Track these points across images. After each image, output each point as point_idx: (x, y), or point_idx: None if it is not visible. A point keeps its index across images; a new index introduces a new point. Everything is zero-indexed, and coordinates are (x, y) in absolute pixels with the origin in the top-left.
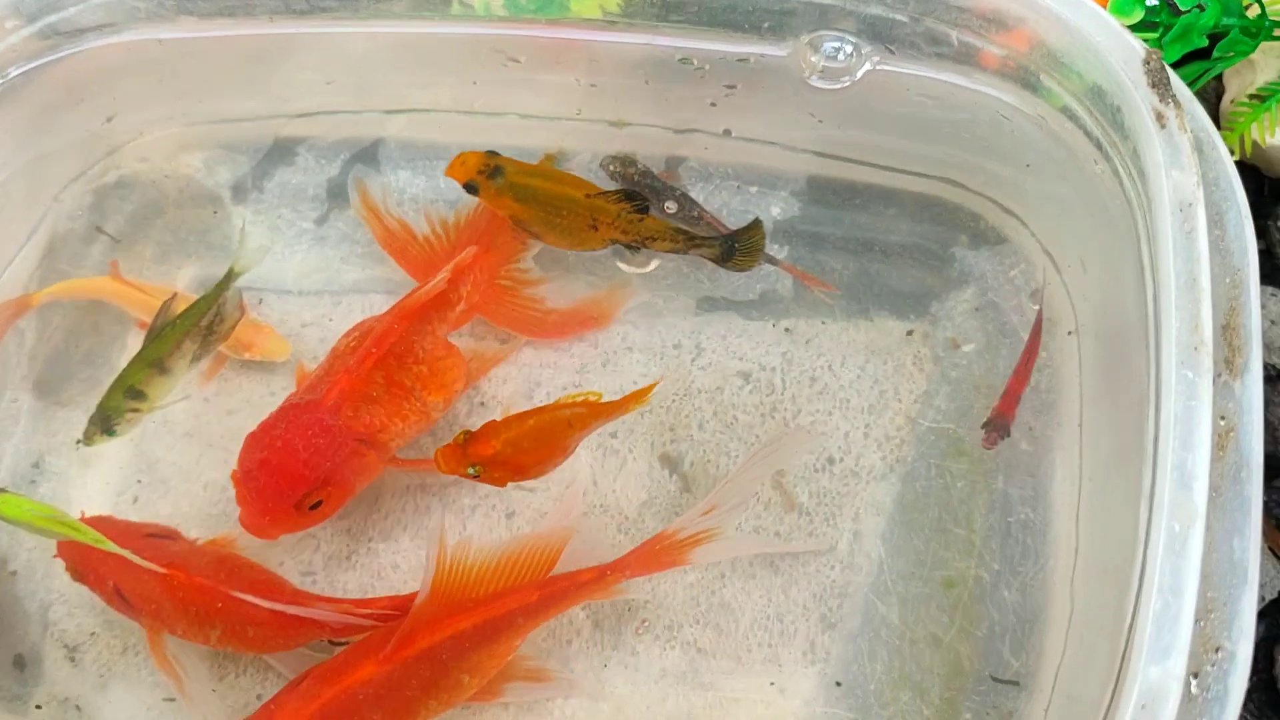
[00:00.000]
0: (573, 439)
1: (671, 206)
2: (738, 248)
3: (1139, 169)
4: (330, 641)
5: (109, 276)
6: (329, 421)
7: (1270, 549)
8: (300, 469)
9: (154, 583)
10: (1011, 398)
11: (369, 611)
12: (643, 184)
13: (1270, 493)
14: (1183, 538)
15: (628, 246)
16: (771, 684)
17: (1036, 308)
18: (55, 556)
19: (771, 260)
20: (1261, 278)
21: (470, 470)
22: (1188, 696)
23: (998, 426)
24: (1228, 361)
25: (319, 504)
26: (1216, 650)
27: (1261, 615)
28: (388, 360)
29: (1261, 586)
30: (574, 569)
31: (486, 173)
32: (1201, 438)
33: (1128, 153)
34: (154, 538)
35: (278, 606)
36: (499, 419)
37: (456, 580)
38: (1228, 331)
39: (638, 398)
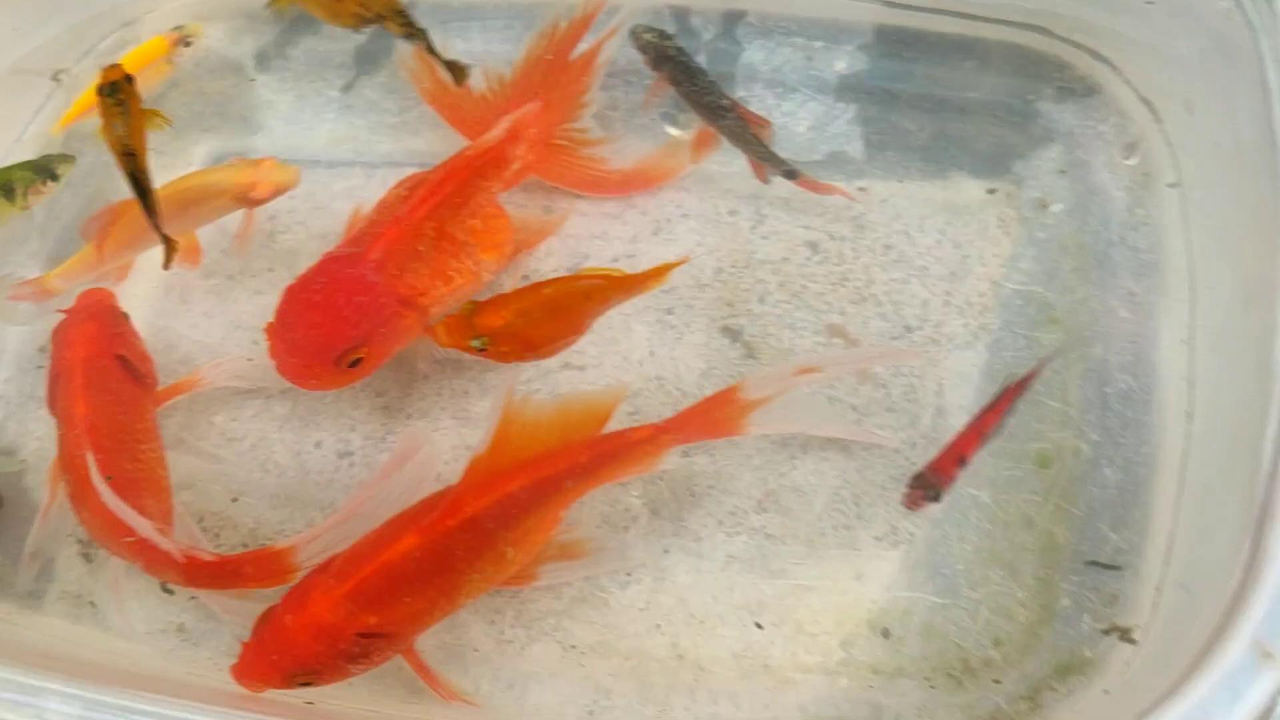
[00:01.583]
0: (589, 314)
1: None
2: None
3: None
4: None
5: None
6: (372, 278)
7: None
8: (341, 326)
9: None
10: (954, 455)
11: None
12: (677, 59)
13: None
14: None
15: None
16: (849, 569)
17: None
18: None
19: (790, 174)
20: None
21: (475, 343)
22: None
23: (928, 486)
24: None
25: (357, 361)
26: None
27: None
28: (440, 211)
29: None
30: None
31: None
32: None
33: None
34: (123, 361)
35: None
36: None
37: (516, 440)
38: None
39: (658, 274)
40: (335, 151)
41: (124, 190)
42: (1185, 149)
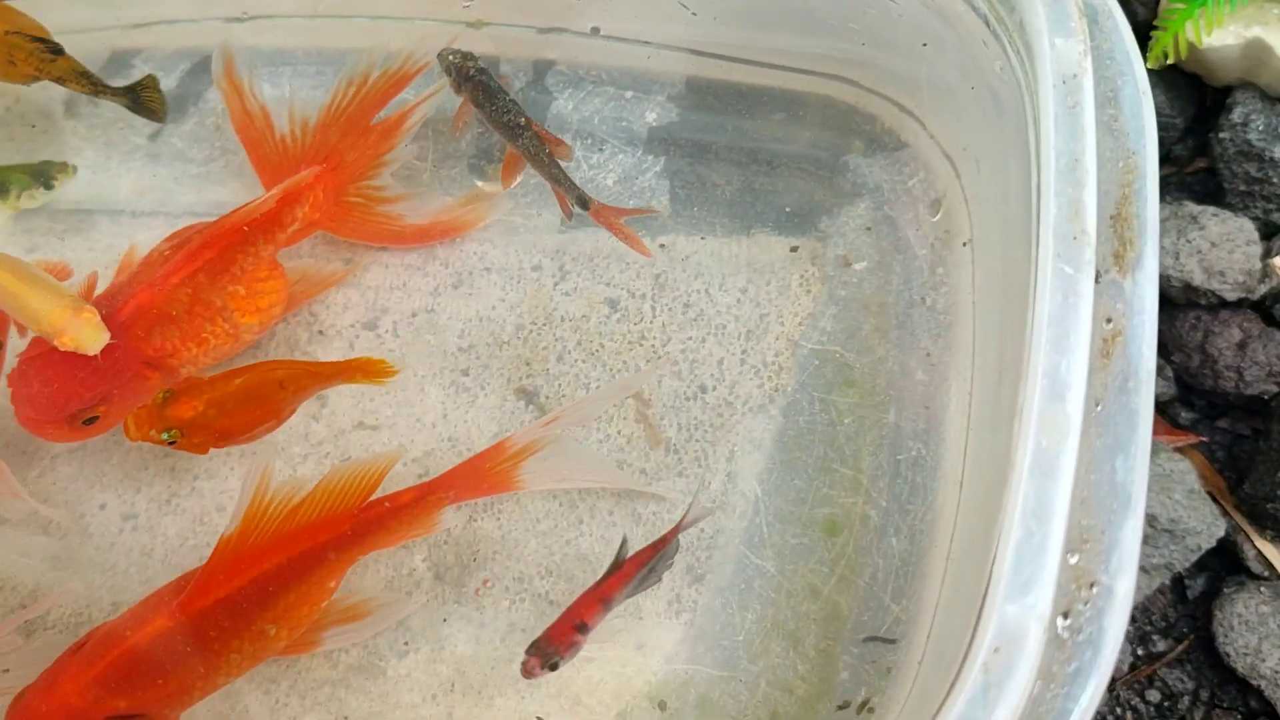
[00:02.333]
0: (287, 402)
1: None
2: (141, 96)
3: (1025, 42)
4: None
5: None
6: (114, 340)
7: (1209, 493)
8: (75, 387)
9: None
10: (571, 620)
11: None
12: (478, 79)
13: (1213, 432)
14: (1052, 454)
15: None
16: (630, 639)
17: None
18: None
19: (583, 202)
20: (1204, 196)
21: (165, 435)
22: (1054, 639)
23: (544, 654)
24: (1117, 256)
25: (94, 419)
26: (1091, 586)
27: (1201, 567)
28: (197, 278)
29: (1198, 534)
30: None
31: None
32: (1079, 340)
33: (1014, 25)
34: None
35: None
36: (203, 377)
37: (270, 517)
38: (1118, 222)
39: (363, 370)
40: (139, 201)
41: None
42: (976, 207)
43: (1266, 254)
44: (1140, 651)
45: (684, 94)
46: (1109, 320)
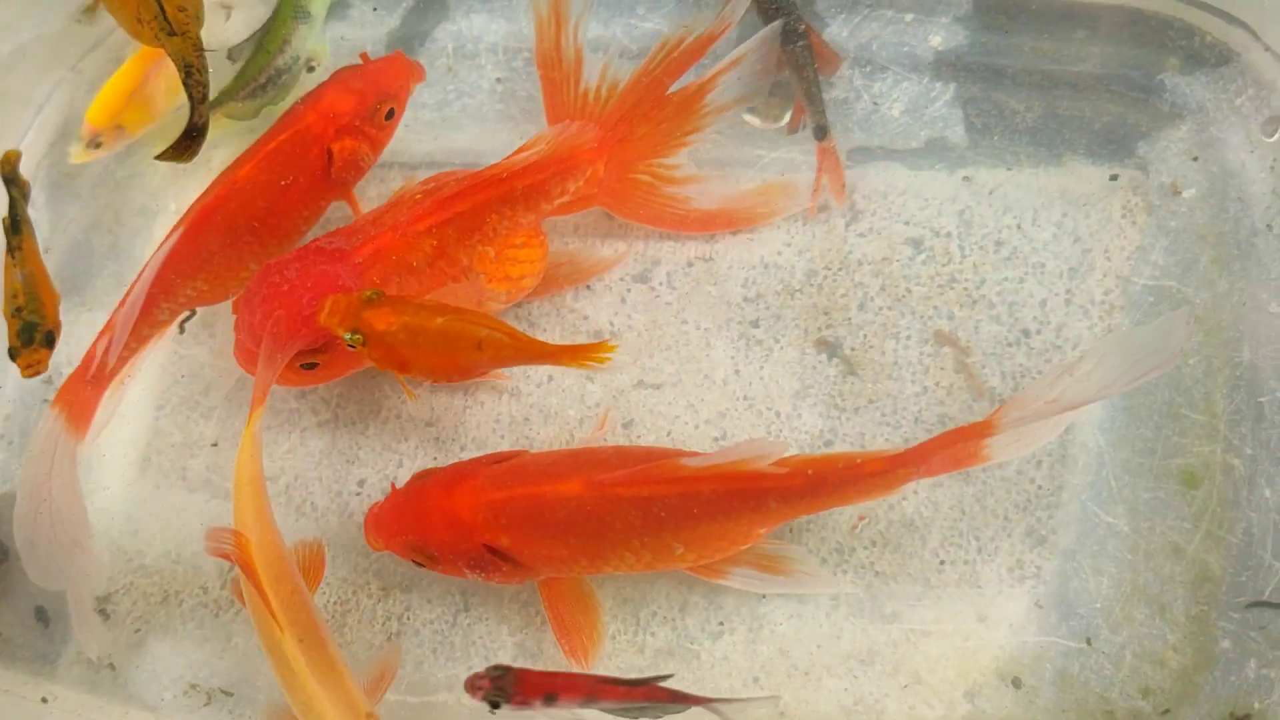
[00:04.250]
0: (478, 364)
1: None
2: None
3: None
4: None
5: None
6: (349, 281)
7: None
8: (298, 326)
9: None
10: (546, 685)
11: None
12: None
13: None
14: None
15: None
16: (970, 611)
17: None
18: None
19: (820, 131)
20: None
21: (348, 336)
22: None
23: (497, 688)
24: None
25: (313, 365)
26: None
27: None
28: (444, 230)
29: None
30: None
31: None
32: None
33: None
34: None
35: None
36: (414, 299)
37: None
38: None
39: (576, 355)
40: None
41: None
42: None
43: None
44: None
45: (971, 15)
46: None
